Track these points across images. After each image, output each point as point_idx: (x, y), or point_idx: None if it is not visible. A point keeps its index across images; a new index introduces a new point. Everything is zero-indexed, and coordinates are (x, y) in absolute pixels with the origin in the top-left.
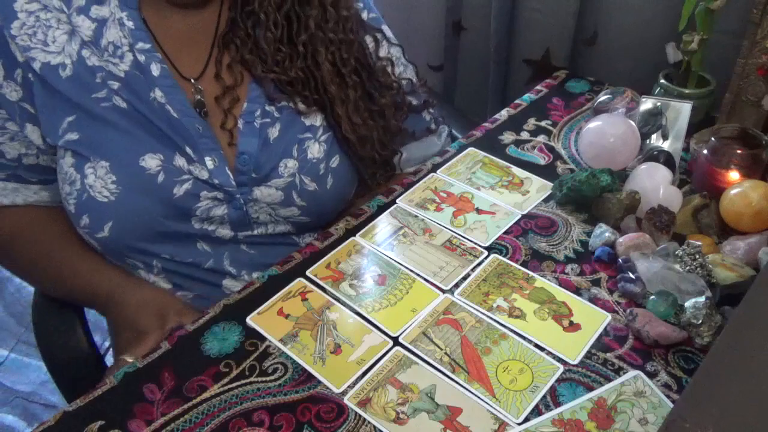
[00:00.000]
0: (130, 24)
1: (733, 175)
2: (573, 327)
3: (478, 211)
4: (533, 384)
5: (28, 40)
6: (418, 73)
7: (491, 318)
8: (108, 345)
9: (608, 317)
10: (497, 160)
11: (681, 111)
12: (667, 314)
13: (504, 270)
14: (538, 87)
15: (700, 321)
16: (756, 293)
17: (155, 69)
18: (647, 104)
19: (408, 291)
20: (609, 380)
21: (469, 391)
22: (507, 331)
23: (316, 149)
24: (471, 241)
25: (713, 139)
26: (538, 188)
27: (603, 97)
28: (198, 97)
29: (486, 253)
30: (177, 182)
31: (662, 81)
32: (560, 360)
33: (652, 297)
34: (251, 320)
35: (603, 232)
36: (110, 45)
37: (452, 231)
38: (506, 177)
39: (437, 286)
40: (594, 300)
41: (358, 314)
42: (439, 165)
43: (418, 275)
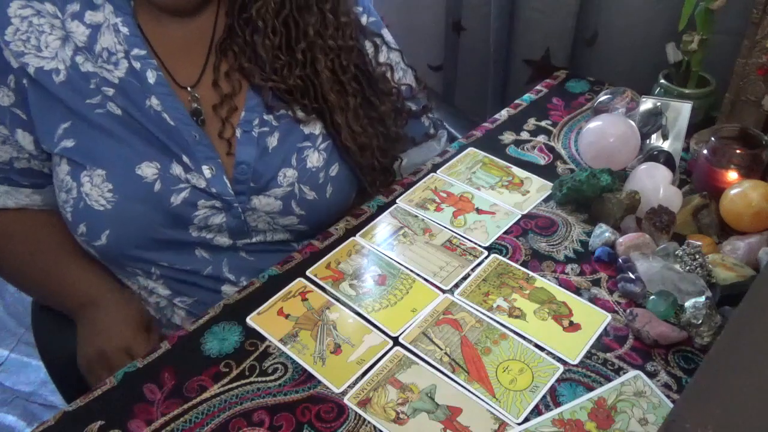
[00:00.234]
0: (125, 30)
1: (733, 175)
2: (573, 327)
3: (478, 211)
4: (533, 384)
5: (22, 46)
6: (418, 77)
7: (491, 318)
8: None
9: (608, 317)
10: (497, 160)
11: (681, 111)
12: (667, 314)
13: (504, 270)
14: (538, 87)
15: (700, 321)
16: (756, 293)
17: (151, 76)
18: (647, 104)
19: (408, 291)
20: (609, 380)
21: (469, 391)
22: (507, 331)
23: (316, 158)
24: (471, 241)
25: (713, 139)
26: (538, 188)
27: (603, 97)
28: (195, 105)
29: (486, 253)
30: (174, 191)
31: (662, 81)
32: (560, 360)
33: (652, 297)
34: (251, 320)
35: (603, 232)
36: (104, 51)
37: (452, 231)
38: (506, 177)
39: (437, 286)
40: (594, 300)
41: (358, 314)
42: (439, 165)
43: (418, 275)
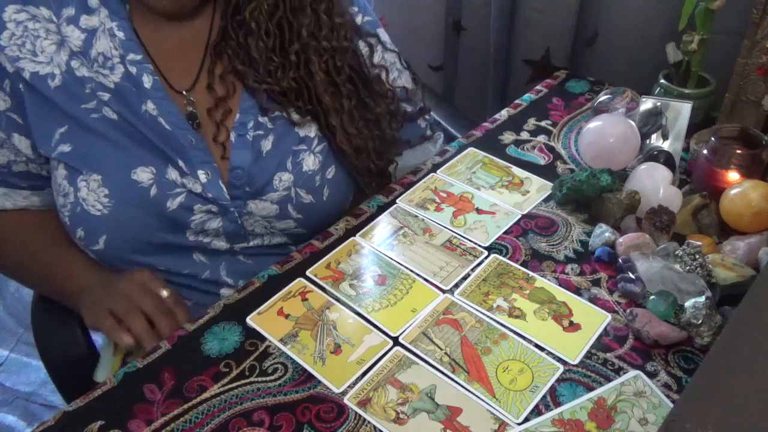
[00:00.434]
0: (121, 34)
1: (733, 175)
2: (573, 327)
3: (478, 211)
4: (533, 384)
5: (18, 51)
6: (415, 78)
7: (491, 318)
8: None
9: (608, 317)
10: (497, 160)
11: (681, 111)
12: (667, 314)
13: (504, 270)
14: (538, 87)
15: (700, 321)
16: (756, 293)
17: (147, 81)
18: (647, 104)
19: (408, 291)
20: (609, 380)
21: (469, 391)
22: (507, 331)
23: (311, 161)
24: (471, 241)
25: (713, 139)
26: (538, 188)
27: (603, 97)
28: (190, 109)
29: (486, 253)
30: (170, 195)
31: (662, 81)
32: (560, 360)
33: (652, 297)
34: (251, 320)
35: (603, 232)
36: (100, 56)
37: (452, 231)
38: (506, 177)
39: (437, 286)
40: (594, 300)
41: (358, 314)
42: (439, 165)
43: (418, 275)
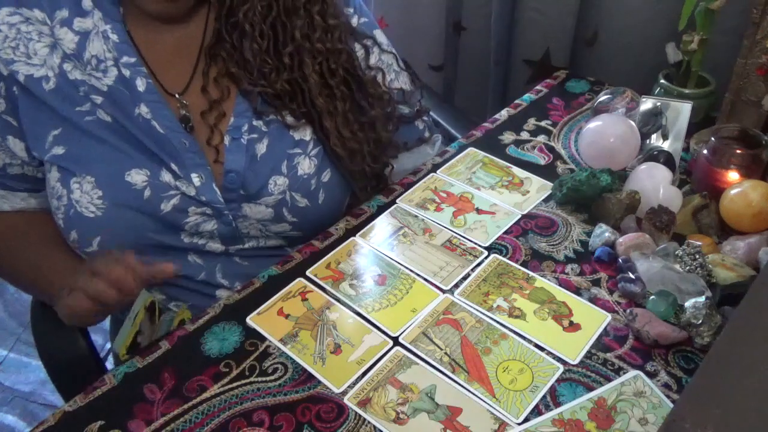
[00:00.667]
0: (115, 37)
1: (733, 175)
2: (573, 327)
3: (478, 211)
4: (533, 384)
5: (12, 53)
6: (414, 79)
7: (491, 318)
8: (108, 347)
9: (608, 317)
10: (497, 160)
11: (681, 111)
12: (667, 314)
13: (504, 270)
14: (538, 87)
15: (700, 321)
16: (756, 293)
17: (140, 84)
18: (647, 104)
19: (408, 291)
20: (609, 380)
21: (469, 391)
22: (507, 331)
23: (307, 165)
24: (471, 241)
25: (713, 139)
26: (538, 188)
27: (603, 97)
28: (183, 112)
29: (486, 253)
30: (164, 198)
31: (662, 81)
32: (560, 360)
33: (652, 297)
34: (251, 320)
35: (603, 232)
36: (93, 59)
37: (452, 231)
38: (506, 177)
39: (437, 286)
40: (594, 300)
41: (358, 314)
42: (439, 165)
43: (418, 275)
